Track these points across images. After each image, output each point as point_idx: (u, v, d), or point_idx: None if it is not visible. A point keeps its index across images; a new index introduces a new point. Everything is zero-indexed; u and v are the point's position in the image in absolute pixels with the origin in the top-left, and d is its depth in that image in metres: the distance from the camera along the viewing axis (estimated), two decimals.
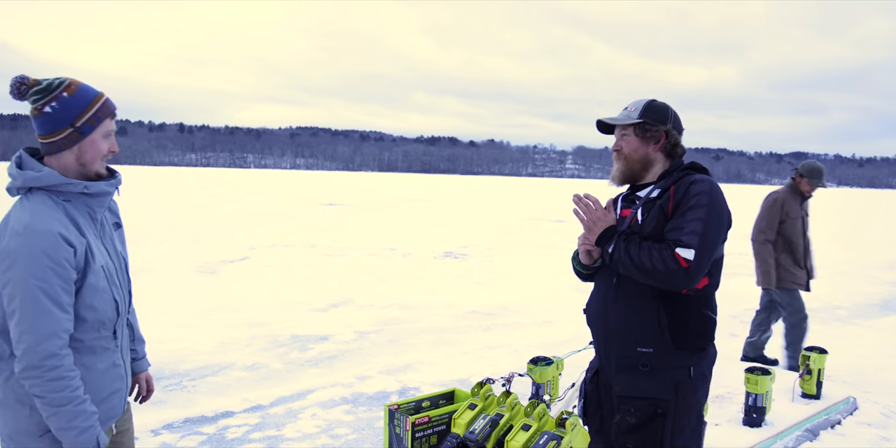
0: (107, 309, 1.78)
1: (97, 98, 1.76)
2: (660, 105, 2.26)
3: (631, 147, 2.24)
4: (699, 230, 1.99)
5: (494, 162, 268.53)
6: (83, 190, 1.74)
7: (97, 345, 1.78)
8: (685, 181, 2.12)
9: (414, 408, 3.58)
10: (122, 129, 65.40)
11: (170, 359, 5.36)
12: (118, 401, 1.89)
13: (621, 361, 2.17)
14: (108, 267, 1.81)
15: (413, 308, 7.61)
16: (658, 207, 2.11)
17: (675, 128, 2.25)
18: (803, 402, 4.44)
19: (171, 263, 10.29)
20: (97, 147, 1.77)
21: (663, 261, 1.97)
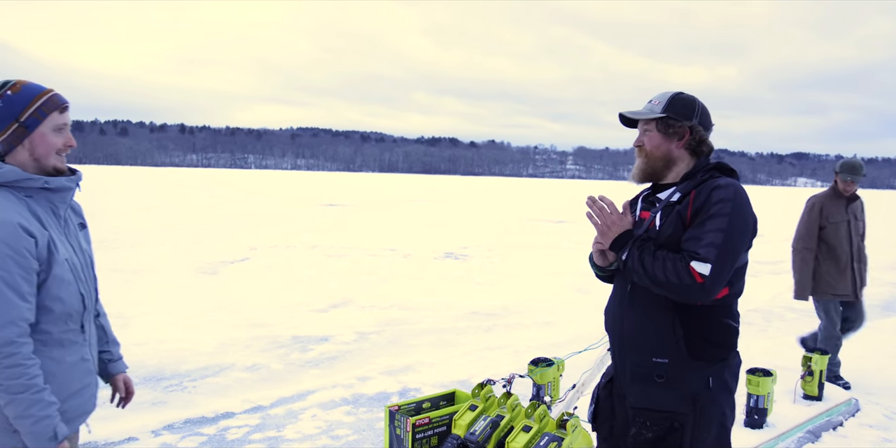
0: (73, 301, 1.81)
1: (42, 93, 1.79)
2: (686, 98, 2.12)
3: (653, 143, 2.11)
4: (718, 242, 1.87)
5: (495, 162, 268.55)
6: (44, 185, 1.77)
7: (65, 338, 1.80)
8: (707, 186, 1.98)
9: (414, 409, 3.57)
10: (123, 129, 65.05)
11: (170, 359, 5.35)
12: (89, 396, 1.91)
13: (636, 370, 2.07)
14: (73, 261, 1.83)
15: (414, 309, 7.61)
16: (676, 213, 1.99)
17: (702, 123, 2.11)
18: (805, 404, 4.43)
19: (171, 264, 10.29)
20: (48, 141, 1.79)
21: (677, 274, 1.87)
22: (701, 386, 1.98)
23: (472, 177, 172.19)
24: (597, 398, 2.28)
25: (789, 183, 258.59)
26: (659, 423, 1.99)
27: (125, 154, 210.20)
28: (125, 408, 2.23)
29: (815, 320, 6.85)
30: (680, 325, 1.97)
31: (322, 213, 22.67)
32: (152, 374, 5.01)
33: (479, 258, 12.27)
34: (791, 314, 7.98)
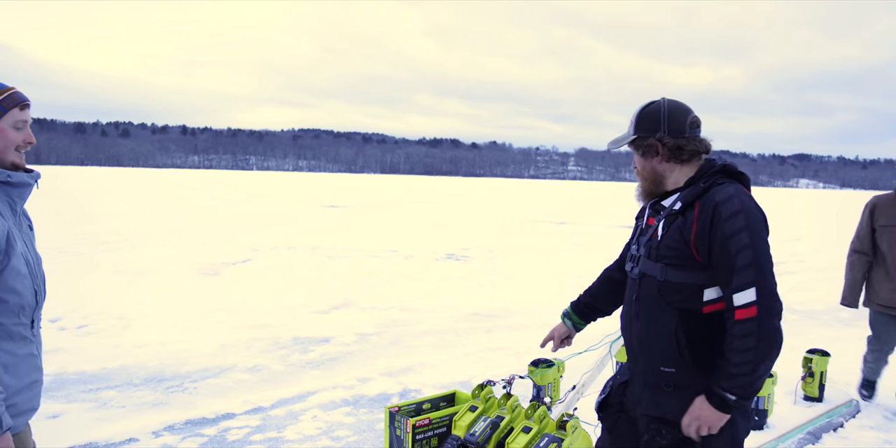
0: (27, 295, 1.81)
1: (3, 90, 1.80)
2: (650, 111, 2.05)
3: (639, 165, 2.10)
4: (750, 260, 1.83)
5: (497, 164, 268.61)
6: (6, 179, 1.78)
7: (16, 331, 1.80)
8: (710, 200, 1.90)
9: (414, 410, 3.57)
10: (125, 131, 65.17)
11: (171, 361, 5.36)
12: (37, 392, 1.90)
13: (647, 379, 2.08)
14: (27, 256, 1.84)
15: (414, 310, 7.61)
16: (678, 228, 1.94)
17: (671, 130, 2.01)
18: (805, 405, 4.42)
19: (173, 265, 10.30)
20: (7, 136, 1.79)
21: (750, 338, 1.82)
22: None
23: (474, 178, 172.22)
24: (610, 390, 2.29)
25: (791, 184, 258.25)
26: (672, 434, 1.98)
27: (127, 155, 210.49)
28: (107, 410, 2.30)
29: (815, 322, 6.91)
30: (683, 335, 1.95)
31: (323, 215, 22.69)
32: (153, 375, 5.01)
33: (480, 259, 12.27)
34: (792, 316, 7.98)
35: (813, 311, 8.29)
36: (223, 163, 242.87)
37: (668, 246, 1.96)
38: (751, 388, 1.86)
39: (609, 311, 2.51)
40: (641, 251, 2.06)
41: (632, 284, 2.11)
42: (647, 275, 2.02)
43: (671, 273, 1.96)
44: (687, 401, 1.96)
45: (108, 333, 6.09)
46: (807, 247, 15.83)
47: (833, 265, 12.50)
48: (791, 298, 9.05)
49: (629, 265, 2.13)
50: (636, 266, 2.08)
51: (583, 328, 2.57)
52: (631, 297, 2.11)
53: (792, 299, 8.98)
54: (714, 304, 1.95)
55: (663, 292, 1.98)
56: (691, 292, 1.95)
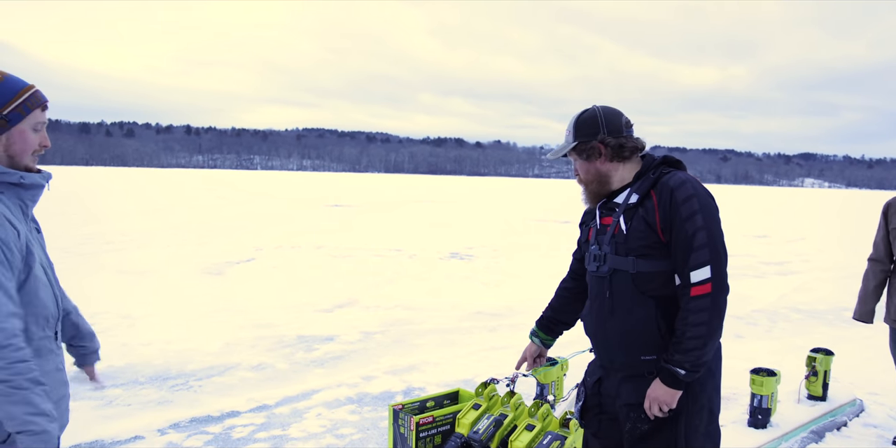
0: (50, 304, 1.72)
1: (26, 88, 1.70)
2: (587, 116, 2.16)
3: (582, 170, 2.18)
4: (705, 240, 1.95)
5: (501, 163, 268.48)
6: (19, 180, 1.67)
7: (42, 345, 1.70)
8: (665, 186, 2.02)
9: (418, 408, 3.59)
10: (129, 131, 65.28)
11: (176, 359, 5.39)
12: (65, 407, 1.81)
13: (626, 371, 2.14)
14: (43, 262, 1.75)
15: (418, 309, 7.63)
16: (641, 218, 2.03)
17: (611, 132, 2.13)
18: (809, 404, 4.42)
19: (177, 265, 10.34)
20: (26, 138, 1.69)
21: (701, 315, 1.93)
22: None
23: (478, 177, 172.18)
24: (585, 396, 2.32)
25: (796, 183, 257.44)
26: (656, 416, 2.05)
27: (131, 155, 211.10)
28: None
29: (819, 321, 6.89)
30: (663, 321, 2.04)
31: (327, 214, 22.72)
32: (158, 373, 5.04)
33: (485, 258, 12.28)
34: (796, 315, 7.97)
35: (817, 310, 8.28)
36: (227, 162, 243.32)
37: (636, 238, 2.04)
38: (699, 362, 1.97)
39: (572, 323, 2.60)
40: (606, 249, 2.11)
41: (601, 283, 2.15)
42: (619, 270, 2.08)
43: (642, 264, 2.04)
44: None
45: (114, 332, 6.12)
46: (811, 247, 15.79)
47: (837, 265, 12.48)
48: (795, 298, 9.04)
49: (594, 265, 2.17)
50: (603, 264, 2.12)
51: (552, 344, 2.68)
52: (603, 295, 2.14)
53: (796, 299, 8.97)
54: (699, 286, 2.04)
55: (638, 283, 2.05)
56: (664, 279, 2.04)
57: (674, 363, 1.98)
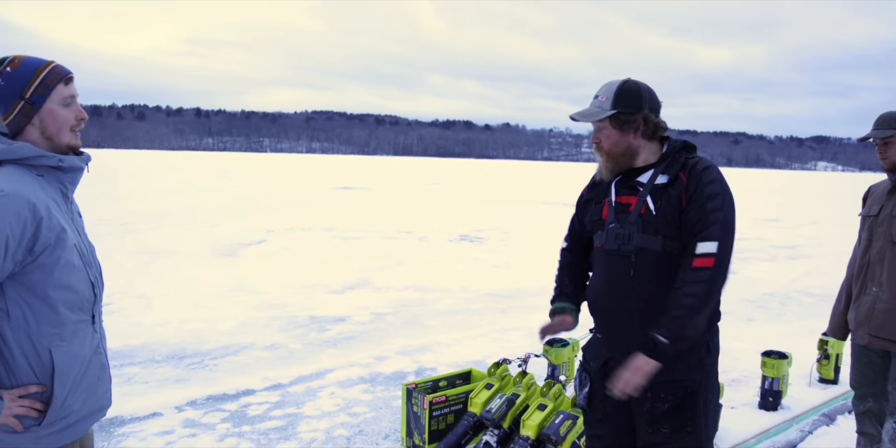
0: (84, 289, 1.70)
1: (44, 66, 1.67)
2: (632, 87, 2.10)
3: (611, 141, 2.12)
4: (720, 219, 1.96)
5: (510, 145, 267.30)
6: (58, 163, 1.66)
7: (78, 329, 1.69)
8: (695, 170, 2.04)
9: (431, 387, 3.63)
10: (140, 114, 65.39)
11: (192, 339, 5.46)
12: (104, 391, 1.81)
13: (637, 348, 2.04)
14: (81, 246, 1.73)
15: (429, 290, 7.67)
16: (674, 197, 2.03)
17: (652, 109, 2.11)
18: (820, 387, 4.44)
19: (190, 246, 10.42)
20: (58, 116, 1.67)
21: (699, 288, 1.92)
22: (705, 351, 2.08)
23: (487, 160, 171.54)
24: (591, 382, 2.24)
25: (809, 167, 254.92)
26: (674, 393, 2.05)
27: (142, 138, 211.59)
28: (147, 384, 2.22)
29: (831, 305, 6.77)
30: None
31: (337, 196, 22.77)
32: (174, 352, 5.11)
33: (494, 241, 12.30)
34: (808, 299, 7.95)
35: (829, 294, 8.22)
36: (237, 145, 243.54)
37: (665, 220, 2.03)
38: (682, 333, 1.93)
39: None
40: (631, 228, 2.07)
41: (622, 261, 2.09)
42: (645, 249, 2.05)
43: (669, 244, 2.03)
44: (688, 361, 2.04)
45: (131, 312, 6.20)
46: (824, 230, 15.69)
47: (850, 249, 12.41)
48: (807, 282, 9.02)
49: (615, 243, 2.09)
50: (627, 242, 2.06)
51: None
52: (626, 273, 2.08)
53: (808, 283, 8.95)
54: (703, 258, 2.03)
55: (664, 262, 2.04)
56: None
57: (658, 330, 1.95)
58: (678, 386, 2.05)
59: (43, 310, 1.62)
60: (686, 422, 2.06)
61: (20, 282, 1.59)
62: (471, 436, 3.23)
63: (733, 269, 2.25)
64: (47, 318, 1.62)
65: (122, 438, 3.53)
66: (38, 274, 1.61)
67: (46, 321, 1.62)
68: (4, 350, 1.60)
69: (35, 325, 1.61)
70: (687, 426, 2.06)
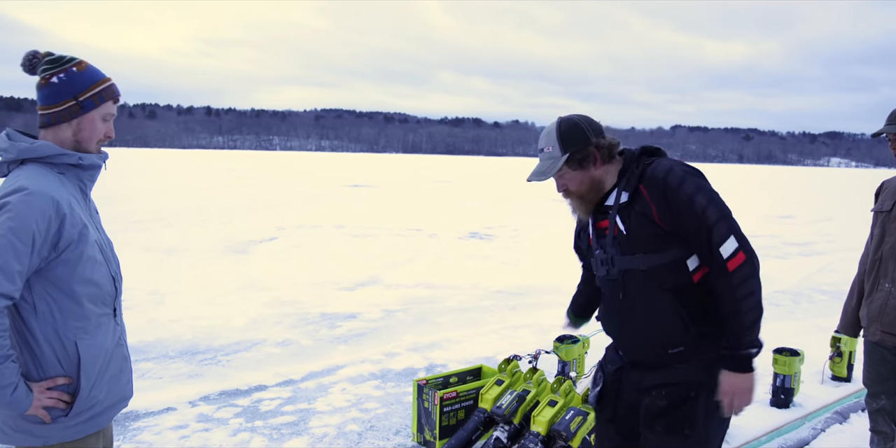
0: (105, 283, 1.77)
1: (105, 79, 1.78)
2: (570, 125, 2.06)
3: (576, 182, 2.07)
4: (717, 215, 1.89)
5: (519, 143, 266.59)
6: (78, 161, 1.74)
7: (101, 322, 1.76)
8: (652, 178, 1.96)
9: (442, 383, 3.65)
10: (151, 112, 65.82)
11: (204, 335, 5.51)
12: (126, 382, 1.88)
13: (653, 364, 2.08)
14: (101, 242, 1.80)
15: (439, 287, 7.68)
16: (640, 215, 1.96)
17: (597, 134, 2.06)
18: (833, 385, 4.42)
19: (202, 243, 10.48)
20: (95, 127, 1.77)
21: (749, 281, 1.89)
22: (712, 357, 2.01)
23: (496, 157, 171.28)
24: (603, 383, 2.24)
25: (821, 163, 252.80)
26: (675, 393, 2.01)
27: (154, 136, 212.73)
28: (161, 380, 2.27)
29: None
30: (685, 311, 1.97)
31: (347, 194, 22.82)
32: (188, 348, 5.16)
33: (504, 238, 12.30)
34: (820, 296, 7.90)
35: (842, 291, 8.14)
36: (247, 143, 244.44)
37: (638, 234, 1.97)
38: (758, 335, 1.93)
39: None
40: (611, 251, 2.04)
41: (613, 285, 2.08)
42: (630, 269, 2.01)
43: (652, 258, 1.97)
44: (695, 366, 2.01)
45: (144, 308, 6.26)
46: (837, 227, 15.57)
47: (864, 246, 12.31)
48: (820, 279, 8.96)
49: (602, 270, 2.09)
50: (612, 267, 2.05)
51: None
52: (617, 297, 2.07)
53: (821, 280, 8.89)
54: (701, 270, 1.99)
55: (651, 279, 1.98)
56: (676, 268, 1.98)
57: (743, 345, 1.90)
58: (682, 387, 2.01)
59: (68, 304, 1.68)
60: (682, 424, 2.00)
61: (46, 277, 1.65)
62: (481, 431, 3.25)
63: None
64: (72, 311, 1.68)
65: (137, 432, 3.58)
66: (62, 269, 1.66)
67: (72, 315, 1.68)
68: (33, 343, 1.65)
69: (61, 319, 1.67)
70: (684, 428, 1.99)
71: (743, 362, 1.92)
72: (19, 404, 1.59)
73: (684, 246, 1.96)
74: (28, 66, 1.75)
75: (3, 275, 1.53)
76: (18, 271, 1.56)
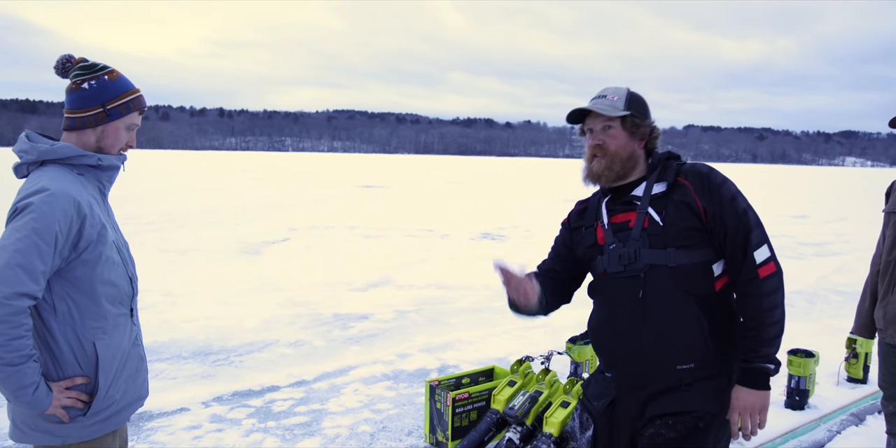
0: (123, 283, 1.80)
1: (133, 90, 1.82)
2: (640, 96, 2.01)
3: (618, 143, 1.94)
4: (755, 220, 1.85)
5: (531, 143, 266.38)
6: (97, 162, 1.77)
7: (119, 322, 1.78)
8: (694, 172, 1.91)
9: (454, 384, 3.65)
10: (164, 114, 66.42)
11: (217, 335, 5.54)
12: (142, 381, 1.90)
13: (656, 386, 1.89)
14: (118, 243, 1.82)
15: (451, 288, 7.68)
16: (681, 205, 1.86)
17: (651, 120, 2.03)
18: (849, 387, 4.37)
19: (215, 245, 10.55)
20: (119, 135, 1.81)
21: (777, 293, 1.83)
22: (724, 382, 1.88)
23: (508, 158, 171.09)
24: (594, 424, 2.05)
25: (836, 162, 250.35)
26: (683, 424, 1.84)
27: (167, 138, 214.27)
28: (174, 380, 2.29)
29: None
30: (706, 320, 1.85)
31: (359, 195, 22.87)
32: (201, 349, 5.19)
33: (517, 238, 12.27)
34: (836, 297, 7.82)
35: (858, 292, 8.09)
36: (259, 144, 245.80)
37: (676, 226, 1.85)
38: (778, 352, 1.84)
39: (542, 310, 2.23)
40: (635, 245, 1.89)
41: (630, 285, 1.89)
42: (655, 266, 1.86)
43: (681, 255, 1.85)
44: (705, 392, 1.86)
45: (157, 309, 6.31)
46: (852, 227, 15.40)
47: None
48: (836, 279, 8.87)
49: (619, 265, 1.91)
50: (634, 262, 1.88)
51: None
52: (634, 298, 1.88)
53: (837, 280, 8.80)
54: (723, 278, 1.90)
55: (678, 279, 1.85)
56: (702, 271, 1.87)
57: (760, 359, 1.80)
58: (691, 418, 1.84)
59: (87, 304, 1.70)
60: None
61: (65, 277, 1.67)
62: (494, 433, 3.24)
63: None
64: (91, 312, 1.71)
65: (151, 432, 3.60)
66: (81, 269, 1.68)
67: (90, 315, 1.70)
68: (52, 343, 1.68)
69: (80, 319, 1.69)
70: None
71: (759, 377, 1.82)
72: (39, 404, 1.62)
73: (715, 248, 1.87)
74: (61, 69, 1.79)
75: (27, 275, 1.55)
76: (42, 271, 1.58)
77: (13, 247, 1.55)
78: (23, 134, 1.77)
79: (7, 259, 1.54)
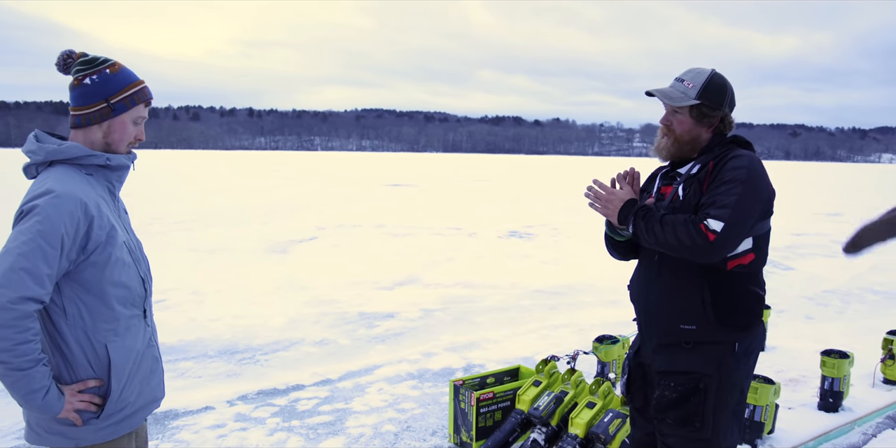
0: (135, 285, 1.77)
1: (137, 82, 1.78)
2: (720, 82, 2.10)
3: (683, 128, 2.12)
4: (732, 203, 1.90)
5: (560, 141, 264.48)
6: (105, 162, 1.73)
7: (132, 323, 1.76)
8: (724, 156, 2.04)
9: (479, 384, 3.62)
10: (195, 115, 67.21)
11: (244, 334, 5.58)
12: (157, 382, 1.88)
13: (663, 339, 2.13)
14: (129, 243, 1.79)
15: (478, 287, 7.65)
16: (696, 182, 2.05)
17: (730, 108, 2.14)
18: (885, 389, 4.25)
19: (243, 243, 10.66)
20: (125, 129, 1.77)
21: (688, 235, 1.91)
22: (727, 351, 2.04)
23: (537, 156, 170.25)
24: (629, 369, 2.33)
25: (872, 159, 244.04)
26: (683, 384, 2.05)
27: (197, 138, 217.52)
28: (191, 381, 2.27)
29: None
30: (709, 292, 2.01)
31: (387, 193, 22.95)
32: (227, 347, 5.24)
33: (544, 237, 12.19)
34: (872, 296, 7.62)
35: (894, 291, 7.89)
36: (289, 144, 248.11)
37: (690, 202, 2.03)
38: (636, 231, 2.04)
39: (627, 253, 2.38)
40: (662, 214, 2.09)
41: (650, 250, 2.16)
42: None
43: None
44: (705, 355, 2.04)
45: (184, 308, 6.38)
46: None
47: None
48: (871, 278, 8.64)
49: None
50: None
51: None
52: (652, 258, 2.15)
53: (872, 279, 8.57)
54: (738, 259, 2.01)
55: None
56: None
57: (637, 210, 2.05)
58: (690, 379, 2.05)
59: (98, 306, 1.68)
60: (693, 417, 2.04)
61: (75, 280, 1.65)
62: (518, 433, 3.21)
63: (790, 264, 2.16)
64: (102, 314, 1.68)
65: (175, 431, 3.63)
66: (91, 271, 1.66)
67: (101, 317, 1.68)
68: (63, 346, 1.66)
69: (91, 322, 1.67)
70: (695, 422, 2.04)
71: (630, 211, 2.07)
72: (51, 408, 1.60)
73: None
74: (62, 66, 1.75)
75: (32, 278, 1.54)
76: (48, 274, 1.56)
77: (18, 250, 1.54)
78: (31, 134, 1.75)
79: (11, 263, 1.53)
